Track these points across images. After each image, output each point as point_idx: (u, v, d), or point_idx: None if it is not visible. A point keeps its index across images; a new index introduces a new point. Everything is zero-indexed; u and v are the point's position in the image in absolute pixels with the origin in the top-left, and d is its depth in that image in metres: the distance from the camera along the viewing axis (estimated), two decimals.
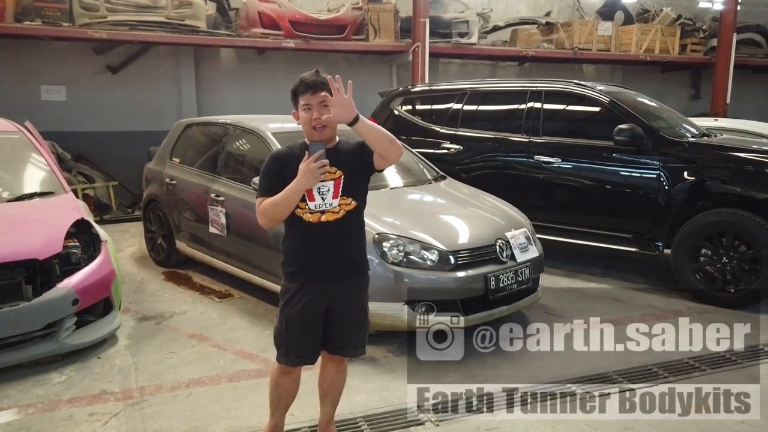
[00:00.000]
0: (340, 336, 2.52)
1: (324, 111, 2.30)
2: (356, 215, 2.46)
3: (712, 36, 11.31)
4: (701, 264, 4.77)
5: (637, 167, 5.03)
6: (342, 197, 2.40)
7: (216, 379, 3.45)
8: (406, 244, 3.75)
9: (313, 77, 2.33)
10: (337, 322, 2.49)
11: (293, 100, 2.39)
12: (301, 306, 2.43)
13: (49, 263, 3.62)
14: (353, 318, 2.52)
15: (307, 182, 2.28)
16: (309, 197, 2.37)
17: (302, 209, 2.38)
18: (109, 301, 3.89)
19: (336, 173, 2.39)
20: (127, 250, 6.43)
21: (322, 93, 2.30)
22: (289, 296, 2.46)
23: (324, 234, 2.40)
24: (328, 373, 2.66)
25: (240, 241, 4.67)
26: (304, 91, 2.33)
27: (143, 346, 3.91)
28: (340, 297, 2.47)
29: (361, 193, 2.47)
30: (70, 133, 8.36)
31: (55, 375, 3.49)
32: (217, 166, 5.08)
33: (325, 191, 2.38)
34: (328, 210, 2.39)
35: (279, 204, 2.32)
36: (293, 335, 2.46)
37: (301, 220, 2.39)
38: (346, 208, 2.41)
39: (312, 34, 8.60)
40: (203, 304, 4.73)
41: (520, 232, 4.15)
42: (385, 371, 3.54)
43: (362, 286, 2.55)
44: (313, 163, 2.26)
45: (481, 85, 6.36)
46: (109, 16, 7.73)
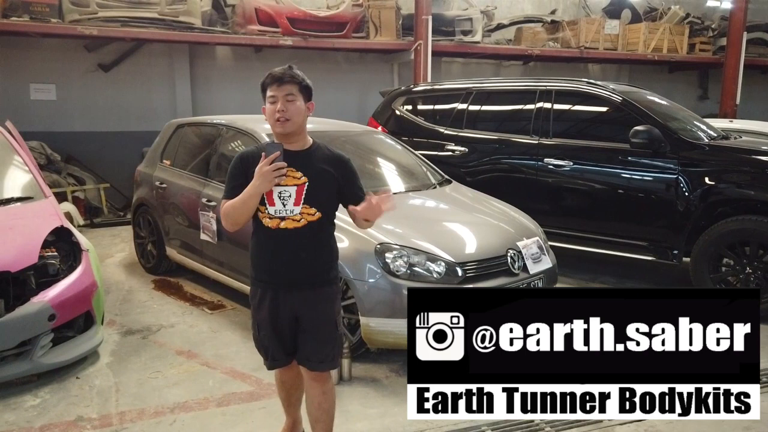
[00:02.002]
0: (305, 346, 2.38)
1: (289, 106, 2.23)
2: (321, 228, 2.32)
3: (721, 35, 11.05)
4: (723, 274, 4.50)
5: (654, 171, 4.75)
6: (304, 205, 2.26)
7: (203, 403, 3.16)
8: (410, 254, 3.47)
9: (282, 70, 2.26)
10: (303, 332, 2.37)
11: (262, 94, 2.30)
12: (268, 311, 2.35)
13: (23, 275, 3.34)
14: (319, 329, 2.37)
15: (261, 185, 2.17)
16: (269, 201, 2.26)
17: (263, 213, 2.28)
18: (89, 315, 3.60)
19: (300, 179, 2.26)
20: (117, 255, 6.15)
21: (288, 86, 2.23)
22: (257, 301, 2.39)
23: (283, 241, 2.28)
24: (314, 395, 2.44)
25: (232, 249, 4.38)
26: (270, 83, 2.25)
27: (127, 363, 3.63)
28: (305, 306, 2.34)
29: (330, 206, 2.34)
30: (60, 134, 8.09)
31: (29, 398, 3.20)
32: (210, 170, 4.79)
33: (287, 196, 2.25)
34: (289, 217, 2.26)
35: (237, 207, 2.24)
36: (265, 340, 2.42)
37: (261, 224, 2.30)
38: (308, 218, 2.27)
39: (311, 32, 8.33)
40: (193, 316, 4.45)
41: (532, 241, 3.88)
42: (388, 394, 3.26)
43: (330, 296, 2.39)
44: (268, 165, 2.14)
45: (487, 85, 6.08)
46: (100, 12, 7.44)
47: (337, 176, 2.32)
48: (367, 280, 3.43)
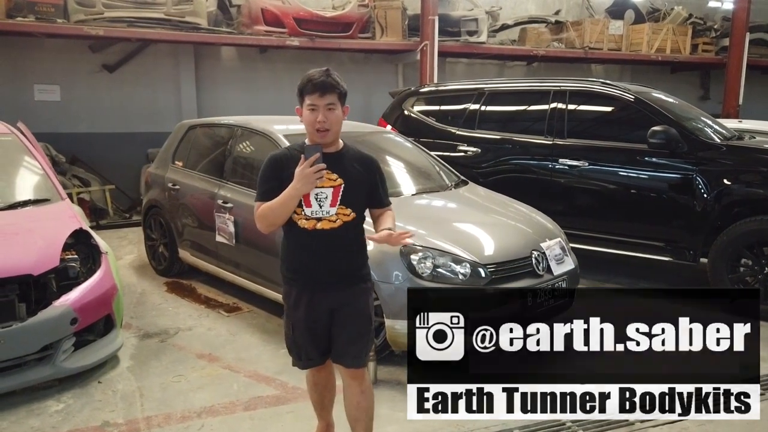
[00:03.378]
0: (339, 342, 2.39)
1: (329, 115, 2.23)
2: (355, 227, 2.35)
3: (723, 36, 11.08)
4: (741, 275, 4.50)
5: (671, 171, 4.75)
6: (340, 206, 2.28)
7: (230, 407, 3.13)
8: (435, 256, 3.44)
9: (323, 77, 2.22)
10: (337, 327, 2.38)
11: (299, 97, 2.28)
12: (304, 310, 2.35)
13: (44, 279, 3.30)
14: (354, 323, 2.37)
15: (302, 187, 2.18)
16: (306, 203, 2.27)
17: (298, 215, 2.29)
18: (110, 318, 3.56)
19: (336, 180, 2.28)
20: (126, 258, 6.09)
21: (330, 96, 2.22)
22: (292, 301, 2.39)
23: (319, 242, 2.30)
24: (352, 393, 2.43)
25: (250, 251, 4.35)
26: (311, 92, 2.23)
27: (148, 367, 3.58)
28: (341, 302, 2.36)
29: (362, 206, 2.37)
30: (64, 135, 8.01)
31: (52, 403, 3.16)
32: (224, 171, 4.75)
33: (323, 198, 2.27)
34: (325, 218, 2.28)
35: (275, 209, 2.24)
36: (300, 339, 2.41)
37: (297, 226, 2.30)
38: (343, 218, 2.29)
39: (317, 32, 8.30)
40: (210, 319, 4.41)
41: (555, 242, 3.86)
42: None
43: (365, 291, 2.41)
44: (309, 167, 2.15)
45: (500, 85, 6.06)
46: (105, 12, 7.39)
47: (369, 177, 2.35)
48: (392, 282, 3.40)
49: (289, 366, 3.53)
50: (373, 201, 2.39)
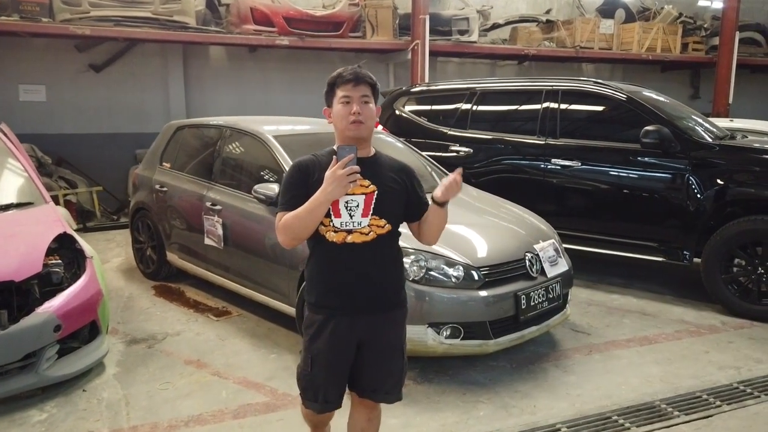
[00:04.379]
0: (370, 377, 2.16)
1: (364, 108, 2.02)
2: (390, 241, 2.11)
3: (713, 35, 11.10)
4: (734, 275, 4.48)
5: (664, 171, 4.71)
6: (373, 216, 2.04)
7: (218, 415, 3.05)
8: (428, 259, 3.38)
9: (356, 70, 2.05)
10: (368, 362, 2.14)
11: (329, 93, 2.08)
12: (328, 343, 2.09)
13: (27, 285, 3.21)
14: (387, 358, 2.16)
15: (334, 191, 1.93)
16: (334, 212, 2.02)
17: (326, 226, 2.04)
18: (95, 324, 3.47)
19: (369, 187, 2.04)
20: (113, 261, 5.99)
21: (364, 87, 2.03)
22: (314, 331, 2.11)
23: (350, 258, 2.05)
24: (359, 419, 2.28)
25: (239, 254, 4.27)
26: (345, 83, 2.03)
27: (134, 374, 3.50)
28: (372, 333, 2.11)
29: (398, 218, 2.12)
30: (50, 136, 7.89)
31: (35, 412, 3.07)
32: (213, 173, 4.67)
33: (354, 207, 2.03)
34: (356, 230, 2.03)
35: (302, 218, 1.98)
36: (319, 378, 2.13)
37: (324, 240, 2.05)
38: (377, 230, 2.05)
39: (307, 31, 8.22)
40: (199, 324, 4.32)
41: (548, 244, 3.81)
42: (409, 402, 3.16)
43: (399, 321, 2.19)
44: (341, 168, 1.91)
45: (492, 85, 6.01)
46: (92, 11, 7.28)
47: (406, 187, 2.11)
48: None
49: (279, 372, 3.51)
50: (414, 211, 2.14)
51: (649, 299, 4.87)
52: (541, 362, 3.67)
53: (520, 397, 3.23)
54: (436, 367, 3.55)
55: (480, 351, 3.42)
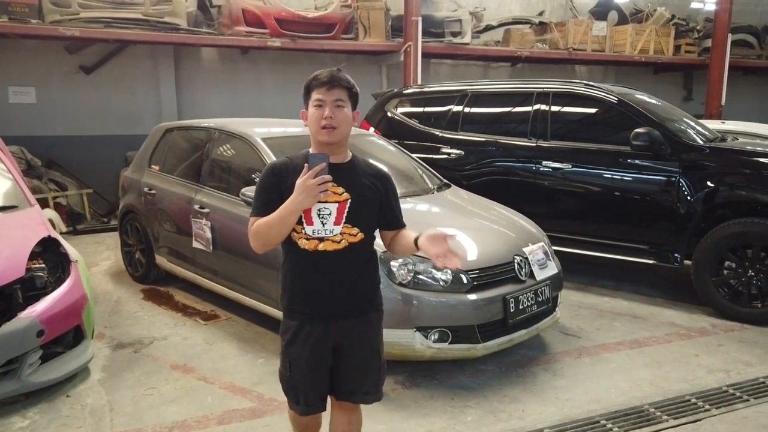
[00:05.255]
0: (348, 380, 2.16)
1: (337, 112, 1.99)
2: (363, 248, 2.09)
3: (705, 37, 11.13)
4: (725, 277, 4.47)
5: (655, 173, 4.70)
6: (345, 224, 2.03)
7: (203, 421, 3.02)
8: (416, 262, 3.35)
9: (332, 72, 2.01)
10: (345, 364, 2.14)
11: (305, 96, 2.05)
12: (304, 348, 2.09)
13: (9, 290, 3.16)
14: (363, 359, 2.16)
15: (304, 201, 1.92)
16: (307, 220, 2.01)
17: (298, 233, 2.03)
18: (80, 329, 3.43)
19: (342, 195, 2.02)
20: (103, 264, 5.95)
21: (338, 91, 2.00)
22: (290, 336, 2.11)
23: (322, 265, 2.04)
24: (339, 423, 2.25)
25: (227, 258, 4.24)
26: (319, 86, 2.00)
27: (119, 380, 3.46)
28: (347, 337, 2.11)
29: (372, 226, 2.12)
30: (40, 138, 7.85)
31: (17, 419, 3.03)
32: (201, 175, 4.64)
33: (327, 215, 2.01)
34: (328, 238, 2.02)
35: (272, 225, 1.98)
36: (298, 381, 2.13)
37: (297, 246, 2.04)
38: (350, 238, 2.04)
39: (299, 33, 8.19)
40: (186, 328, 4.29)
41: (537, 247, 3.79)
42: (396, 408, 3.14)
43: (374, 323, 2.19)
44: (312, 178, 1.89)
45: (483, 87, 5.99)
46: (82, 12, 7.24)
47: (381, 194, 2.10)
48: None
49: (266, 376, 3.48)
50: (384, 221, 2.13)
51: (640, 302, 4.86)
52: (531, 366, 3.65)
53: (508, 402, 3.21)
54: (424, 372, 3.52)
55: (468, 355, 3.40)
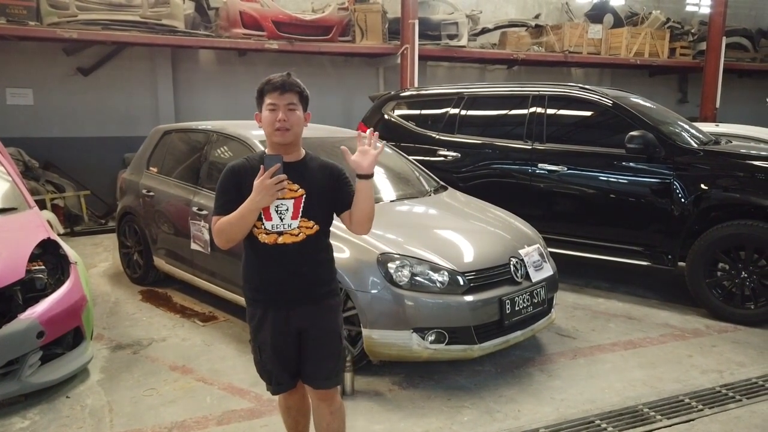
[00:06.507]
0: (309, 363, 2.28)
1: (290, 115, 2.14)
2: (319, 240, 2.24)
3: (700, 39, 11.20)
4: (718, 279, 4.51)
5: (649, 176, 4.75)
6: (302, 218, 2.18)
7: (202, 421, 3.04)
8: (413, 264, 3.39)
9: (283, 78, 2.16)
10: (307, 349, 2.27)
11: (258, 100, 2.20)
12: (270, 332, 2.24)
13: (9, 291, 3.19)
14: (323, 343, 2.27)
15: (262, 200, 2.06)
16: (265, 216, 2.16)
17: (258, 229, 2.18)
18: (79, 330, 3.46)
19: (297, 191, 2.17)
20: (100, 265, 5.97)
21: (290, 95, 2.15)
22: (256, 323, 2.28)
23: (282, 257, 2.19)
24: (321, 415, 2.34)
25: (225, 259, 4.25)
26: (271, 90, 2.15)
27: (119, 381, 3.48)
28: (309, 320, 2.24)
29: (327, 218, 2.26)
30: (37, 139, 7.85)
31: (17, 420, 3.05)
32: (200, 177, 4.66)
33: (284, 210, 2.16)
34: (286, 231, 2.17)
35: (234, 223, 2.11)
36: (269, 364, 2.30)
37: (257, 241, 2.19)
38: (306, 231, 2.19)
39: (296, 35, 8.22)
40: (185, 329, 4.31)
41: (533, 249, 3.83)
42: (393, 408, 3.18)
43: (333, 308, 2.31)
44: (268, 178, 2.03)
45: (479, 89, 6.04)
46: (79, 14, 7.25)
47: (333, 186, 2.22)
48: (369, 291, 3.34)
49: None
50: (341, 205, 2.23)
51: (635, 303, 4.91)
52: (527, 367, 3.69)
53: (504, 402, 3.25)
54: (421, 372, 3.56)
55: (465, 356, 3.43)
